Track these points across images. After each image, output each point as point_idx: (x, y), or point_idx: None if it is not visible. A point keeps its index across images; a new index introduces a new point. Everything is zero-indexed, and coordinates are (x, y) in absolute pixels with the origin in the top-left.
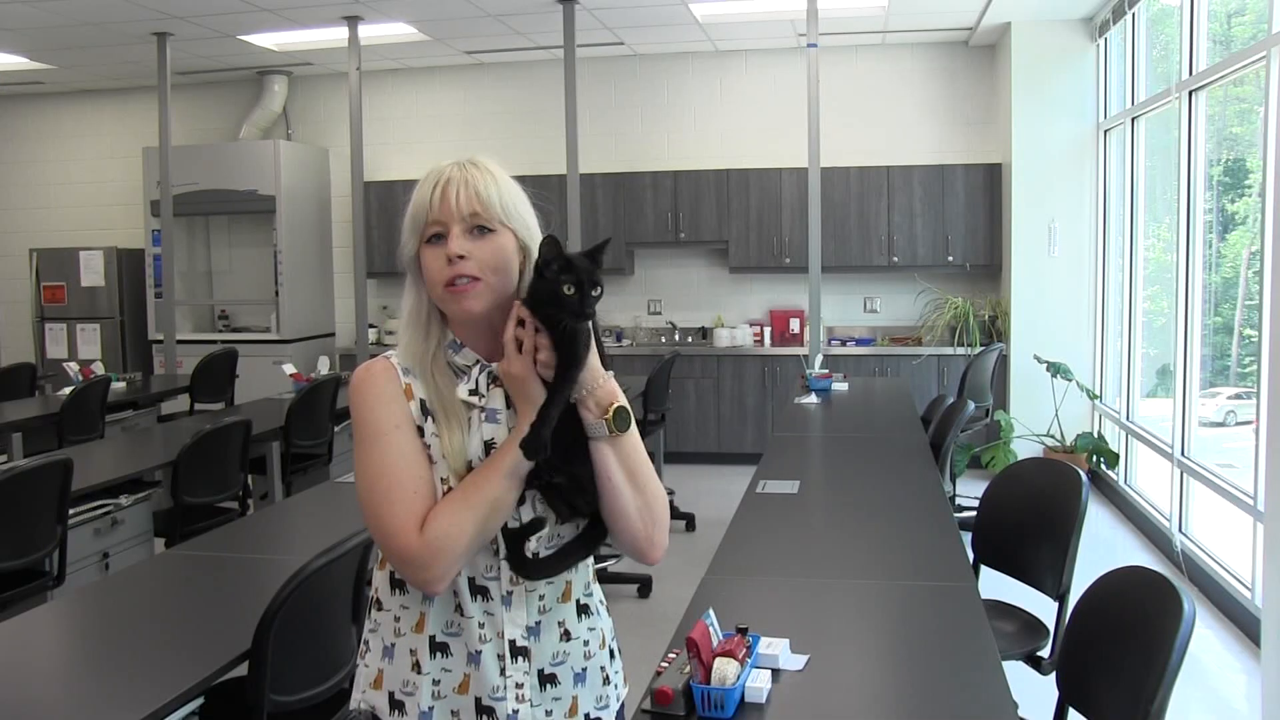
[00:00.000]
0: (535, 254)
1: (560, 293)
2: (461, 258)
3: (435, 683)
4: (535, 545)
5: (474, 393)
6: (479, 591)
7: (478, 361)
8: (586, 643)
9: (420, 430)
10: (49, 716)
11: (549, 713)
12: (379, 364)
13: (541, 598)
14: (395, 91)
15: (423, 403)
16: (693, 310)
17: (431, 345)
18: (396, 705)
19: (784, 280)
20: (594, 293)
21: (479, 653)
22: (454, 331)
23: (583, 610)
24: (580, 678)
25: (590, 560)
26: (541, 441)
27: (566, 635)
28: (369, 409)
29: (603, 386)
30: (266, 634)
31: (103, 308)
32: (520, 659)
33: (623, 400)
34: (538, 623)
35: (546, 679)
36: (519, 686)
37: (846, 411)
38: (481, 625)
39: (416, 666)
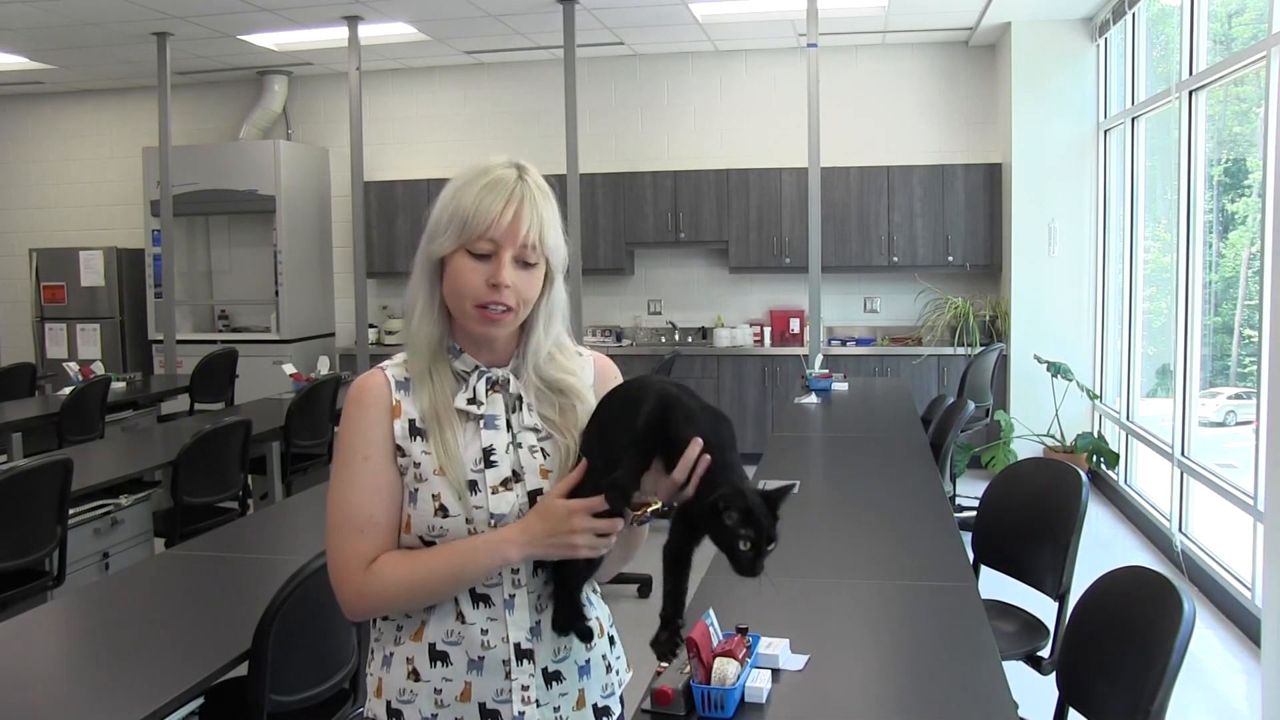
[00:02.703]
0: (558, 280)
1: (735, 547)
2: (507, 287)
3: (436, 691)
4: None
5: (472, 401)
6: (480, 599)
7: (476, 368)
8: None
9: (401, 451)
10: (49, 716)
11: (557, 709)
12: (371, 380)
13: (539, 596)
14: (395, 91)
15: (411, 423)
16: (693, 310)
17: (436, 339)
18: (394, 714)
19: (784, 280)
20: (769, 548)
21: (481, 659)
22: (454, 336)
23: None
24: (585, 670)
25: None
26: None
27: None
28: (345, 432)
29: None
30: (266, 634)
31: (103, 308)
32: (525, 661)
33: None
34: (538, 622)
35: (551, 676)
36: (525, 689)
37: (846, 411)
38: (484, 631)
39: (414, 675)
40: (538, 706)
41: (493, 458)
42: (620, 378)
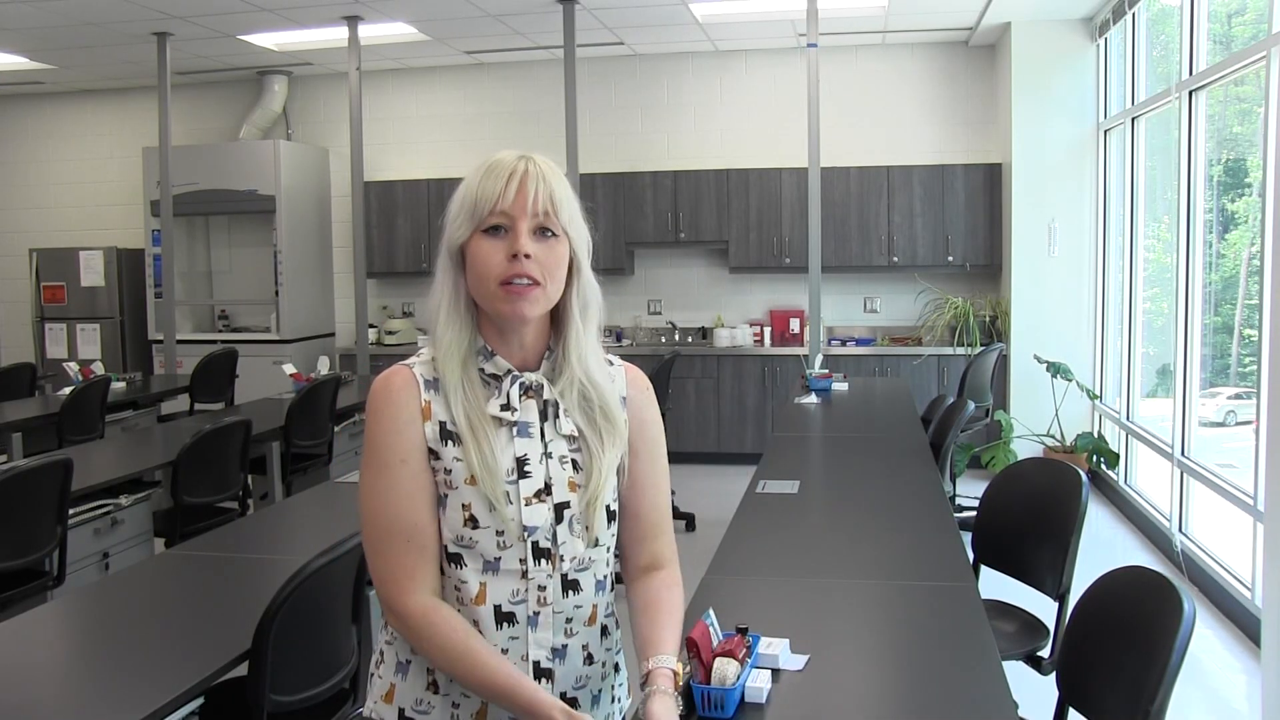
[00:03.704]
0: (585, 267)
1: None
2: (528, 256)
3: (454, 706)
4: (567, 566)
5: (505, 407)
6: (504, 619)
7: (509, 371)
8: (604, 664)
9: (435, 454)
10: (49, 716)
11: None
12: (399, 378)
13: (569, 620)
14: (395, 91)
15: (442, 425)
16: (693, 310)
17: (464, 343)
18: None
19: (784, 280)
20: None
21: None
22: (484, 337)
23: (604, 631)
24: (596, 699)
25: (612, 576)
26: None
27: (589, 659)
28: (379, 433)
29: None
30: (266, 634)
31: (103, 308)
32: (544, 680)
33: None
34: (564, 645)
35: (568, 702)
36: None
37: (846, 411)
38: (505, 650)
39: (433, 686)
40: None
41: (526, 468)
42: (650, 389)
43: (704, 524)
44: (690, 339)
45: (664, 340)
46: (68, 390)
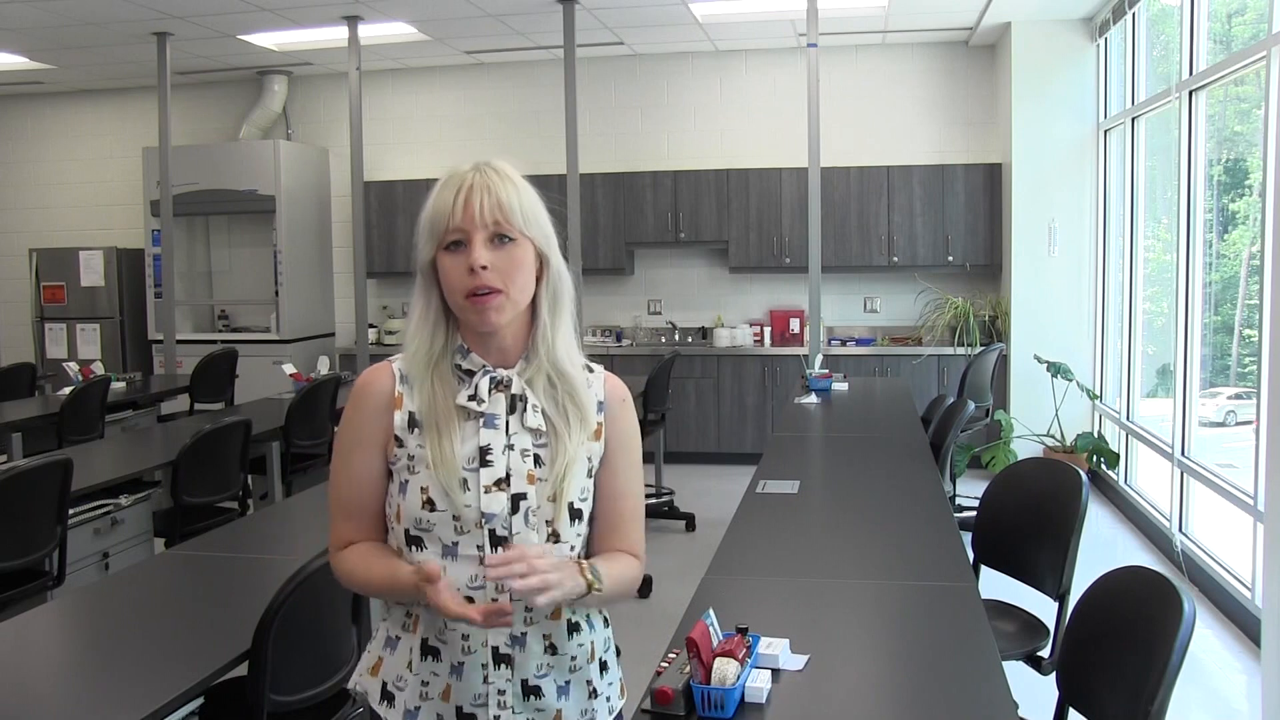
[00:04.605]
0: (554, 262)
1: None
2: (484, 268)
3: (424, 684)
4: (524, 534)
5: (473, 398)
6: (466, 601)
7: (483, 366)
8: (574, 658)
9: (400, 440)
10: (49, 716)
11: None
12: (378, 374)
13: (528, 610)
14: (395, 91)
15: (411, 414)
16: (693, 310)
17: (436, 350)
18: (387, 696)
19: (784, 280)
20: None
21: (461, 665)
22: (463, 336)
23: (574, 629)
24: (564, 690)
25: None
26: None
27: (552, 649)
28: (344, 421)
29: (567, 585)
30: (266, 634)
31: (102, 308)
32: (503, 666)
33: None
34: (523, 633)
35: (530, 690)
36: (501, 694)
37: (846, 411)
38: (465, 636)
39: (410, 665)
40: (514, 713)
41: (489, 457)
42: (628, 400)
43: (704, 524)
44: (690, 339)
45: (664, 340)
46: (68, 390)
